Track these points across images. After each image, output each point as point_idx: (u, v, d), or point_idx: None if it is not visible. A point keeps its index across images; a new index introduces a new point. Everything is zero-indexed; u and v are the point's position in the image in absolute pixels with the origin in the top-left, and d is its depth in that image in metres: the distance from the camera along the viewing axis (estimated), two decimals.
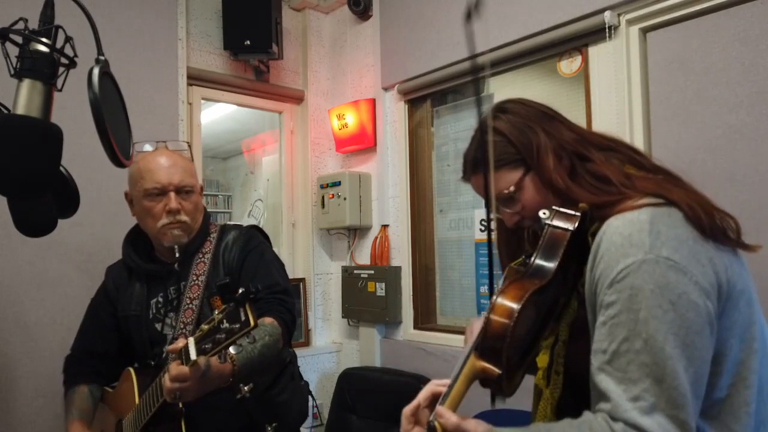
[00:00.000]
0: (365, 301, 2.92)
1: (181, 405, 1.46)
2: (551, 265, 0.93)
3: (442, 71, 2.62)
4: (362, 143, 3.02)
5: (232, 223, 1.87)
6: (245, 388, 1.35)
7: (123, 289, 1.77)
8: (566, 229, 0.93)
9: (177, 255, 1.66)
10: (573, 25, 2.11)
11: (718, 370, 0.86)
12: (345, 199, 2.95)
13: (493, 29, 2.39)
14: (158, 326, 1.69)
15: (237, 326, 1.19)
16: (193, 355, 1.23)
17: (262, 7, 2.84)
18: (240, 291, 1.20)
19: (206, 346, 1.23)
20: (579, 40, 2.13)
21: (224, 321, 1.22)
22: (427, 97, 2.84)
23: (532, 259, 0.94)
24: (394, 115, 2.95)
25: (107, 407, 1.76)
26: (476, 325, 1.00)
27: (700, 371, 0.82)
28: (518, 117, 1.02)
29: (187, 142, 1.85)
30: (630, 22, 2.00)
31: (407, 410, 0.91)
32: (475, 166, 1.06)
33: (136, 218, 1.73)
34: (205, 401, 1.37)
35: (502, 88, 2.62)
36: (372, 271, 2.92)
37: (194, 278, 1.68)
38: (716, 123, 1.80)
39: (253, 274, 1.67)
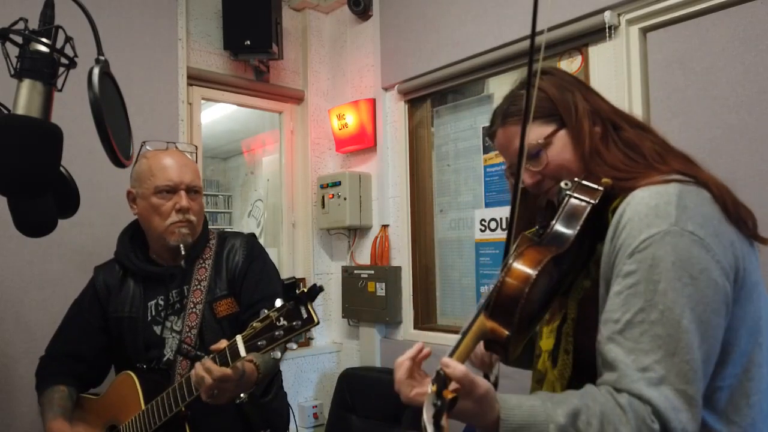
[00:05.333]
0: (365, 301, 2.92)
1: (183, 408, 1.46)
2: (570, 232, 0.91)
3: (442, 71, 2.62)
4: (362, 143, 3.02)
5: (229, 230, 1.90)
6: (243, 394, 1.38)
7: (115, 289, 1.73)
8: (588, 202, 0.92)
9: (183, 253, 1.66)
10: (573, 25, 2.11)
11: (725, 359, 0.85)
12: (345, 199, 2.95)
13: (493, 29, 2.39)
14: (157, 329, 1.67)
15: (298, 323, 1.23)
16: (242, 352, 1.26)
17: (262, 7, 2.84)
18: (305, 289, 1.23)
19: (260, 342, 1.26)
20: (579, 40, 2.13)
21: (281, 319, 1.25)
22: (427, 97, 2.84)
23: (552, 225, 0.92)
24: (394, 115, 2.94)
25: (88, 414, 1.70)
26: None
27: (712, 350, 0.82)
28: (560, 79, 1.04)
29: (195, 146, 1.94)
30: (630, 22, 2.00)
31: (402, 375, 0.88)
32: (504, 116, 1.05)
33: (139, 216, 1.71)
34: (207, 406, 1.37)
35: (502, 89, 2.62)
36: (372, 271, 2.92)
37: (196, 283, 1.69)
38: (716, 123, 1.80)
39: (256, 281, 1.71)
